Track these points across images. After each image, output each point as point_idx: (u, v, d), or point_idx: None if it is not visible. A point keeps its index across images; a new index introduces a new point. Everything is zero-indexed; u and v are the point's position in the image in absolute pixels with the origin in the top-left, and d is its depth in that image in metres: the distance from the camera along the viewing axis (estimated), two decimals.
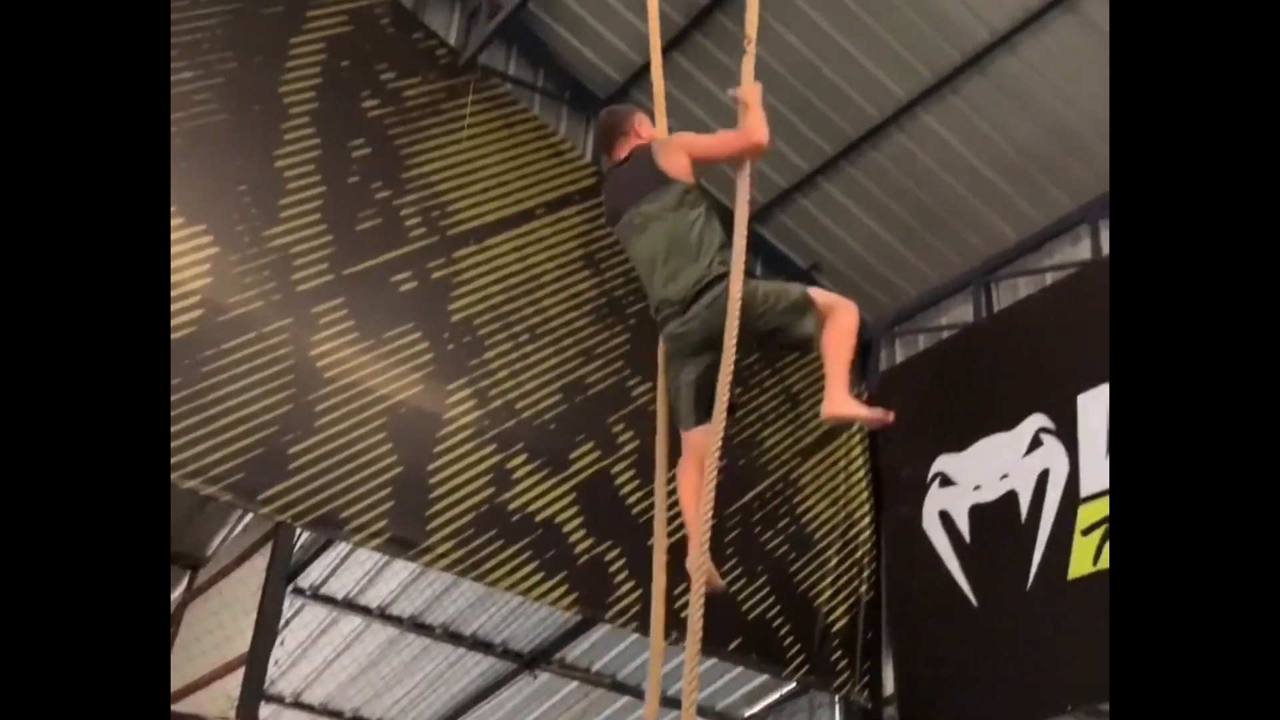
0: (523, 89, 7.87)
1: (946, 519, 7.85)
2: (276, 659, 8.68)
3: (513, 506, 6.64)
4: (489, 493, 6.57)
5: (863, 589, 8.30)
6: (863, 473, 8.68)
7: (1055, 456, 7.26)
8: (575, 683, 9.95)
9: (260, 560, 6.05)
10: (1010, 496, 7.46)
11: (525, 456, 6.80)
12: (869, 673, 8.06)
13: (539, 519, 6.72)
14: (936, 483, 8.03)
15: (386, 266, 6.62)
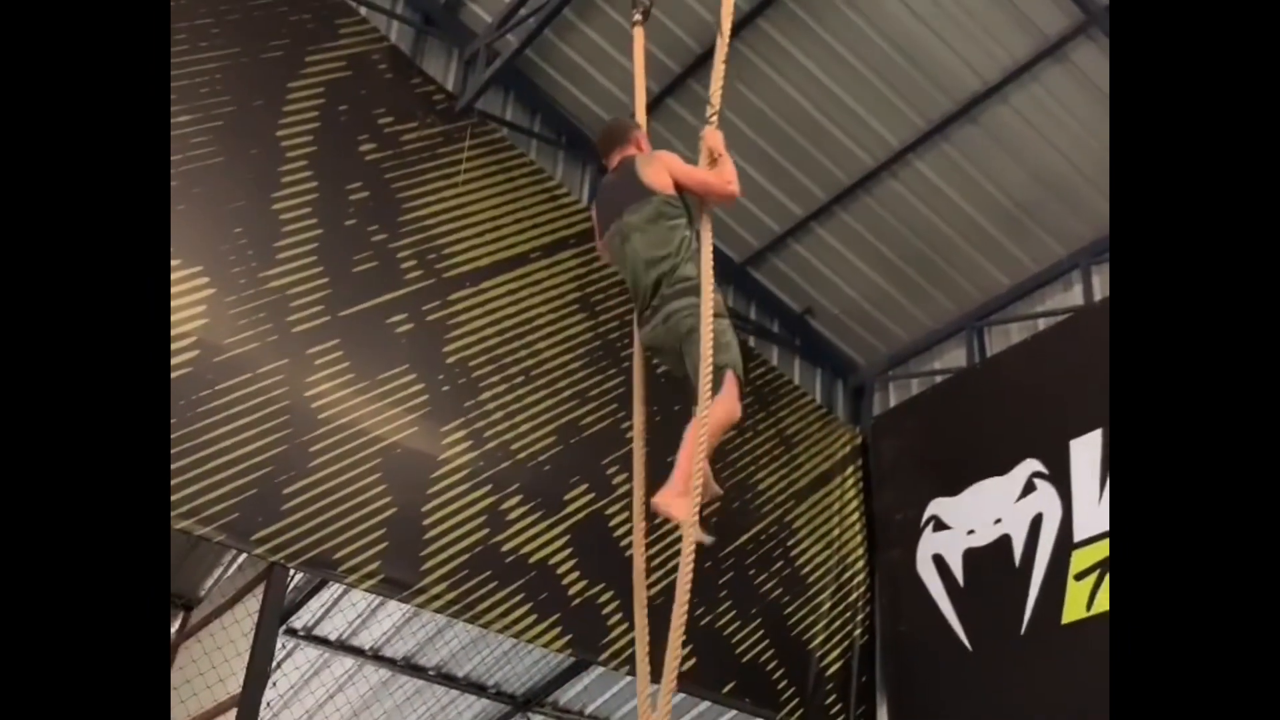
0: (519, 134, 7.94)
1: (940, 562, 7.86)
2: (269, 701, 8.59)
3: (506, 548, 6.65)
4: (483, 534, 6.58)
5: (857, 632, 8.29)
6: (857, 516, 8.69)
7: (1048, 501, 7.28)
8: None
9: (253, 601, 6.01)
10: (1004, 541, 7.48)
11: (519, 498, 6.81)
12: (863, 716, 8.05)
13: (532, 560, 6.72)
14: (930, 526, 8.05)
15: (382, 308, 6.65)
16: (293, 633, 9.11)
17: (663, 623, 4.26)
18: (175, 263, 5.87)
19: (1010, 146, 7.63)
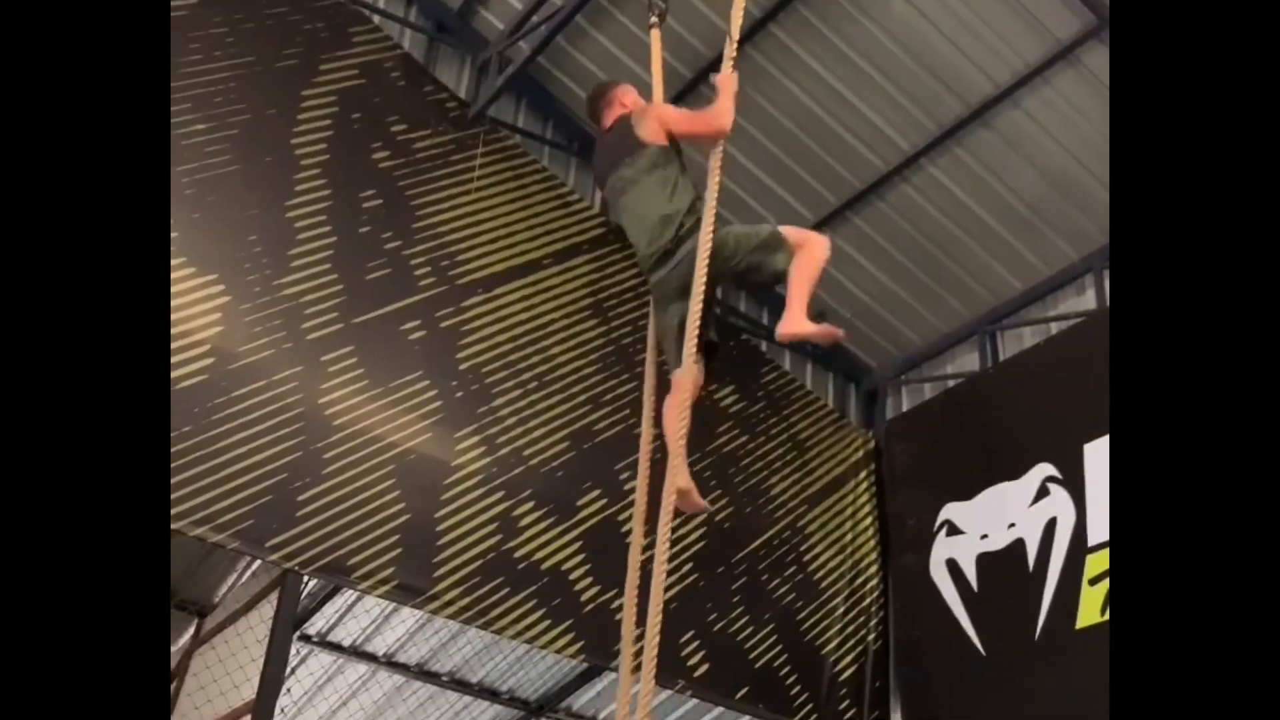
0: (531, 141, 7.95)
1: (954, 567, 7.85)
2: (283, 707, 8.63)
3: (519, 554, 6.65)
4: (496, 540, 6.59)
5: (870, 637, 8.29)
6: (870, 520, 8.69)
7: (1062, 506, 7.27)
8: None
9: (267, 608, 6.04)
10: (1018, 545, 7.46)
11: (532, 504, 6.81)
12: None
13: (545, 567, 6.73)
14: (944, 531, 8.04)
15: (396, 315, 6.66)
16: (306, 639, 9.14)
17: (666, 622, 4.27)
18: (190, 271, 5.89)
19: (1022, 149, 7.63)
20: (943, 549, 7.99)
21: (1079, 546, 7.04)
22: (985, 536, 7.71)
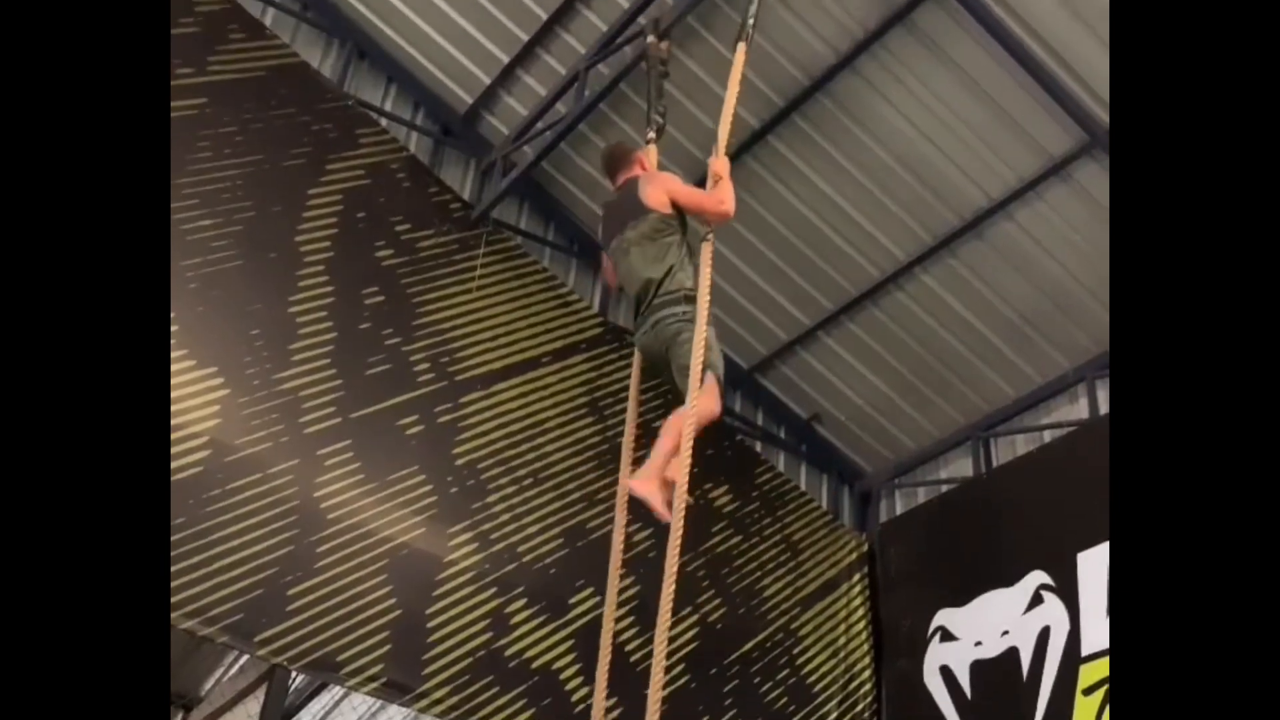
0: (533, 242, 8.09)
1: (948, 674, 7.79)
2: None
3: (510, 652, 6.63)
4: (487, 638, 6.57)
5: None
6: (863, 624, 8.63)
7: (1056, 614, 7.24)
8: None
9: (254, 703, 6.02)
10: (1012, 653, 7.42)
11: (524, 601, 6.80)
12: None
13: (535, 666, 6.69)
14: (937, 637, 7.99)
15: (394, 410, 6.73)
16: None
17: None
18: (190, 363, 5.97)
19: (1016, 262, 7.74)
20: (937, 655, 7.94)
21: (1073, 656, 7.00)
22: (979, 644, 7.67)
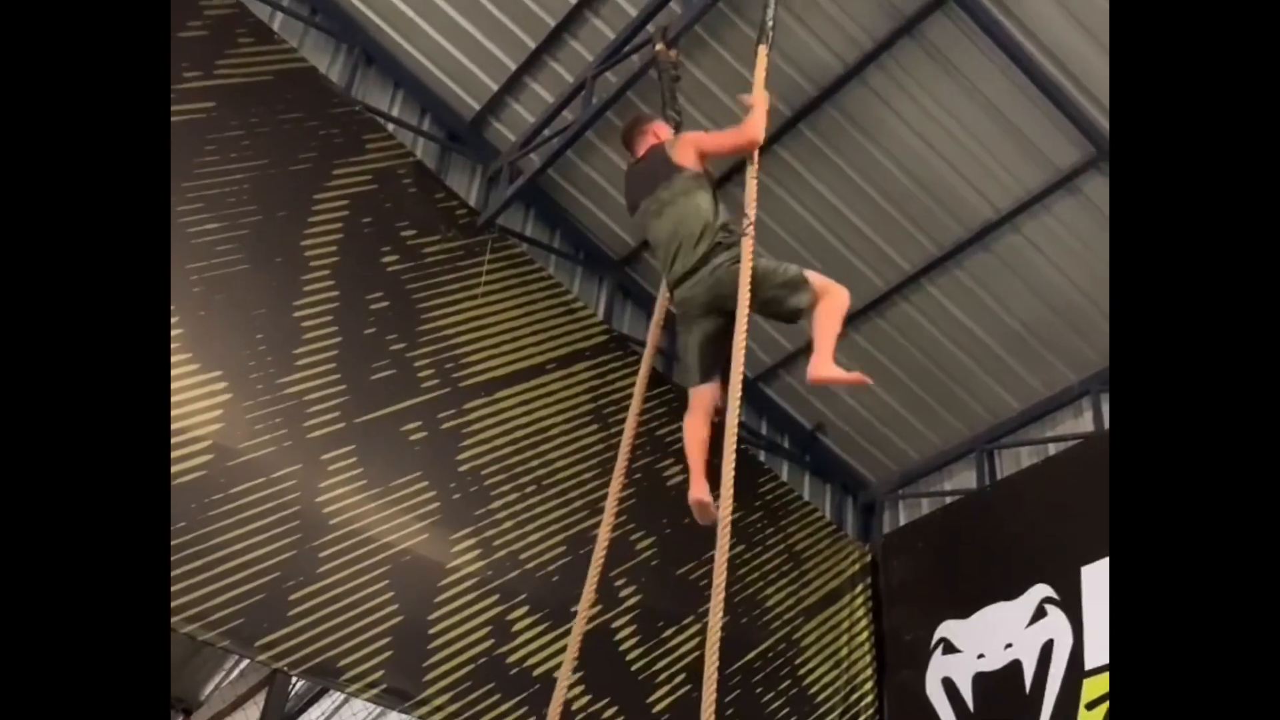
0: (538, 249, 8.10)
1: (950, 686, 7.77)
2: None
3: (511, 660, 6.62)
4: (488, 645, 6.56)
5: None
6: (866, 635, 8.61)
7: (1059, 628, 7.22)
8: None
9: (254, 708, 6.02)
10: (1014, 666, 7.39)
11: (527, 609, 6.80)
12: None
13: (537, 673, 6.67)
14: (940, 649, 7.97)
15: (398, 416, 6.73)
16: None
17: None
18: (194, 367, 5.97)
19: (1022, 273, 7.73)
20: (939, 667, 7.91)
21: (1076, 670, 6.98)
22: (982, 656, 7.65)
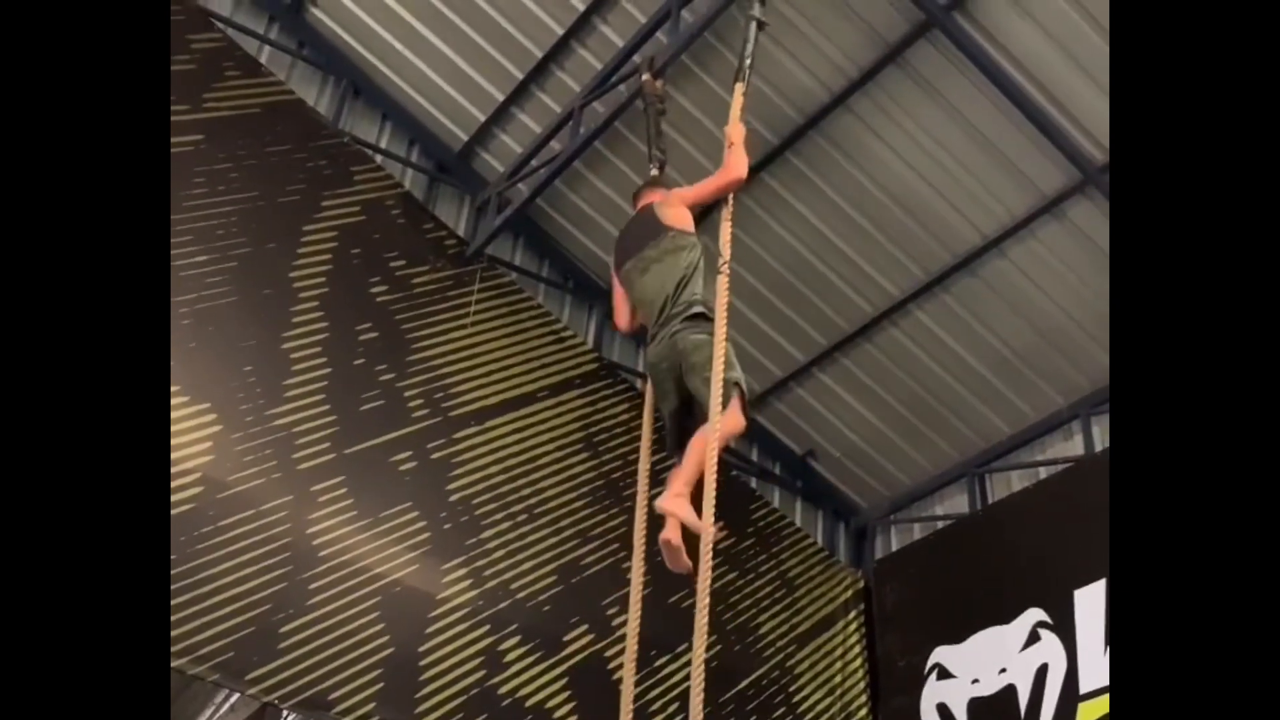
0: (527, 278, 8.11)
1: (945, 712, 7.76)
2: None
3: (503, 690, 6.59)
4: (479, 675, 6.53)
5: None
6: (859, 661, 8.59)
7: (1053, 652, 7.22)
8: None
9: None
10: (1009, 691, 7.39)
11: (518, 639, 6.77)
12: None
13: (529, 704, 6.65)
14: (934, 674, 7.96)
15: (387, 446, 6.71)
16: None
17: None
18: (183, 400, 5.96)
19: (1009, 298, 7.77)
20: (934, 693, 7.90)
21: (1071, 694, 6.97)
22: (976, 681, 7.63)
